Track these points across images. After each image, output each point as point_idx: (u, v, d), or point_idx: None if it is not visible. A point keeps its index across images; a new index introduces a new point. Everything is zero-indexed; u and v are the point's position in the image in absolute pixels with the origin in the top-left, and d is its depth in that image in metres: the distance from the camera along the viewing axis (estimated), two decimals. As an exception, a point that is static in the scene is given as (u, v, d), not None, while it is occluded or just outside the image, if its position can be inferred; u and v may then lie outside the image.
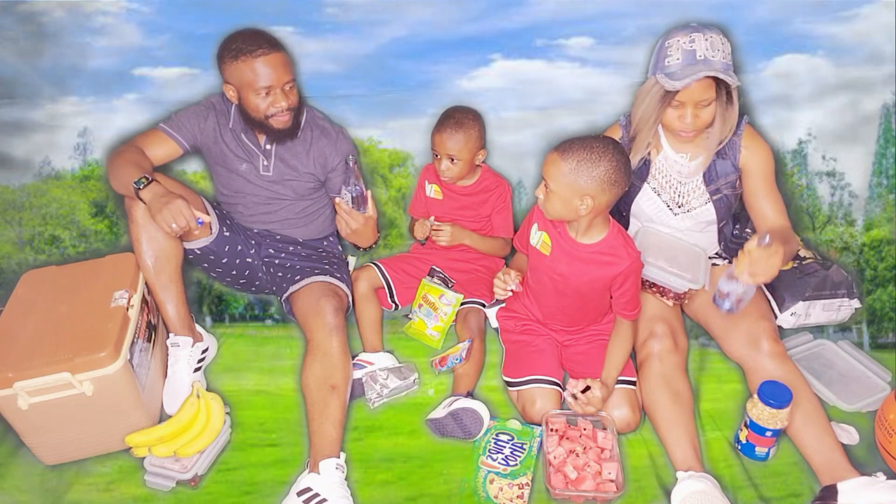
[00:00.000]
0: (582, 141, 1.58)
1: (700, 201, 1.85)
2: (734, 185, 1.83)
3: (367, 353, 1.98)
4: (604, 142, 1.57)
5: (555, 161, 1.58)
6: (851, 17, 1.93)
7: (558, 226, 1.72)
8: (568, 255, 1.71)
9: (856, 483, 1.49)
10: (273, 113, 1.85)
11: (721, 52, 1.65)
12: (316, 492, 1.53)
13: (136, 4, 1.96)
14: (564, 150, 1.57)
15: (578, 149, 1.56)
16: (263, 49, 1.79)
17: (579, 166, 1.55)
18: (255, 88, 1.81)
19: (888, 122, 2.07)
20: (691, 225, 1.89)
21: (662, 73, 1.66)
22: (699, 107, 1.68)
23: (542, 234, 1.75)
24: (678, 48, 1.65)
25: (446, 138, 1.95)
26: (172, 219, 1.70)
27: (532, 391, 1.76)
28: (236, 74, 1.81)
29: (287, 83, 1.84)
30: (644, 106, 1.75)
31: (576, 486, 1.58)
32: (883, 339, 2.07)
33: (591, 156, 1.55)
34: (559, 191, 1.58)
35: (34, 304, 1.76)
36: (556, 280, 1.76)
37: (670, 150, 1.83)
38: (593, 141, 1.57)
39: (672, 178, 1.85)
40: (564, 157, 1.56)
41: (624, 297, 1.71)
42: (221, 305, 2.25)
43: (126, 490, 1.65)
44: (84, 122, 2.13)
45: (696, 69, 1.62)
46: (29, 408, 1.58)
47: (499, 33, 2.00)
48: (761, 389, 1.61)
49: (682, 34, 1.66)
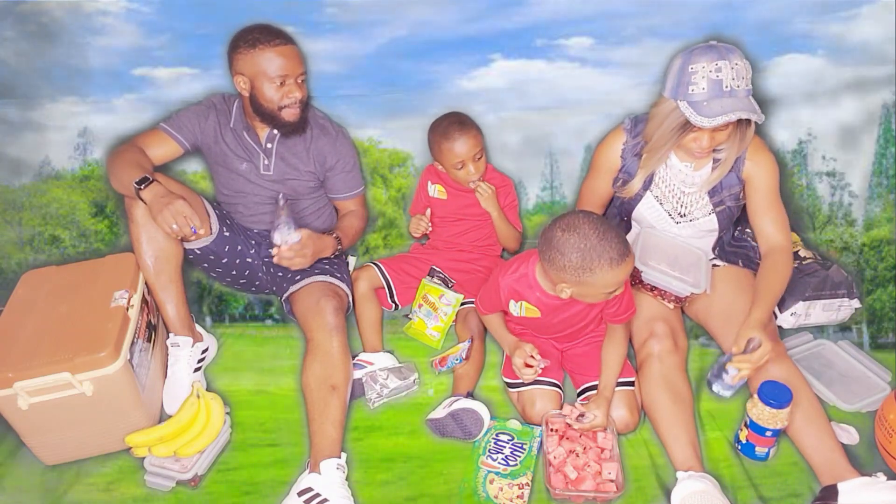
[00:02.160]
0: (544, 234, 1.55)
1: (703, 212, 1.83)
2: (738, 197, 1.81)
3: (367, 353, 1.97)
4: (565, 229, 1.50)
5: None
6: (851, 17, 1.93)
7: (536, 291, 1.68)
8: (560, 308, 1.70)
9: (856, 483, 1.49)
10: (286, 104, 1.86)
11: (745, 79, 1.59)
12: (317, 492, 1.53)
13: (136, 4, 1.96)
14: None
15: (541, 245, 1.55)
16: (281, 39, 1.82)
17: (545, 264, 1.55)
18: (271, 77, 1.82)
19: (888, 122, 2.07)
20: (692, 232, 1.88)
21: (686, 102, 1.60)
22: (717, 131, 1.64)
23: (522, 303, 1.73)
24: (704, 76, 1.57)
25: (465, 140, 1.94)
26: (173, 219, 1.70)
27: (532, 392, 1.76)
28: (251, 63, 1.82)
29: (300, 75, 1.87)
30: (662, 129, 1.69)
31: (576, 486, 1.58)
32: (883, 339, 2.07)
33: (550, 251, 1.52)
34: None
35: (34, 304, 1.76)
36: (557, 326, 1.77)
37: (675, 159, 1.81)
38: (552, 230, 1.52)
39: (675, 187, 1.83)
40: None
41: (616, 304, 1.69)
42: (221, 305, 2.25)
43: (126, 490, 1.65)
44: (84, 122, 2.13)
45: (722, 105, 1.56)
46: (29, 408, 1.58)
47: (499, 33, 2.00)
48: (761, 389, 1.61)
49: (706, 60, 1.58)
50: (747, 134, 1.70)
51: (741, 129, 1.68)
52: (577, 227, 1.49)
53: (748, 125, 1.68)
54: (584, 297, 1.59)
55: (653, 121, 1.72)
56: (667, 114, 1.66)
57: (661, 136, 1.70)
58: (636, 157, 1.82)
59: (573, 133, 2.15)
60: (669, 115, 1.65)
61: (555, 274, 1.55)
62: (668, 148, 1.72)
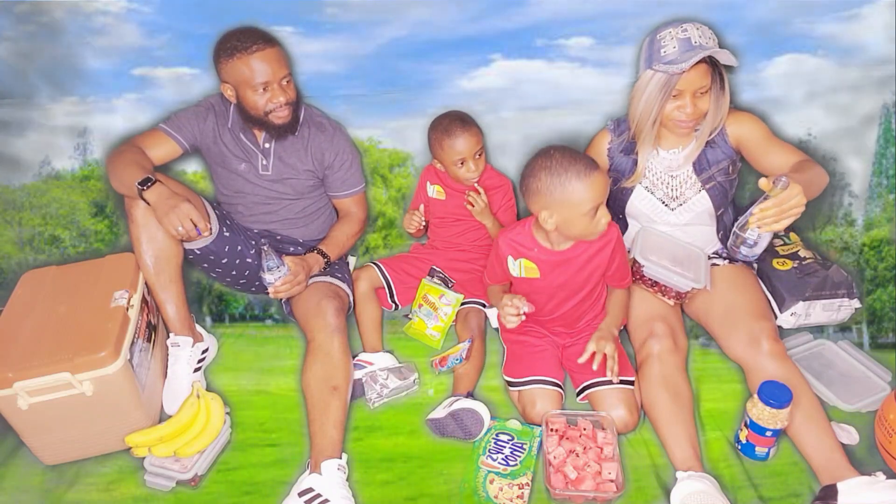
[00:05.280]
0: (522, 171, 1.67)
1: (693, 190, 1.86)
2: (727, 171, 1.84)
3: (367, 353, 1.98)
4: (534, 156, 1.64)
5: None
6: (851, 17, 1.93)
7: (534, 246, 1.73)
8: (559, 266, 1.72)
9: (856, 483, 1.49)
10: (272, 109, 1.85)
11: (712, 39, 1.68)
12: (318, 492, 1.53)
13: (136, 4, 1.96)
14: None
15: (520, 181, 1.67)
16: (258, 45, 1.79)
17: (526, 197, 1.65)
18: (253, 85, 1.81)
19: (888, 122, 2.07)
20: (690, 218, 1.89)
21: (661, 63, 1.68)
22: (697, 95, 1.71)
23: (521, 261, 1.75)
24: (672, 38, 1.68)
25: (467, 137, 1.94)
26: (179, 222, 1.70)
27: (533, 392, 1.76)
28: (233, 73, 1.81)
29: (284, 78, 1.84)
30: (644, 101, 1.75)
31: (576, 486, 1.58)
32: (883, 339, 2.07)
33: (525, 179, 1.64)
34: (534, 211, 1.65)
35: (34, 304, 1.76)
36: (556, 293, 1.77)
37: (660, 148, 1.86)
38: (526, 164, 1.65)
39: (663, 174, 1.87)
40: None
41: (616, 268, 1.76)
42: (221, 305, 2.25)
43: (126, 490, 1.65)
44: (84, 122, 2.13)
45: (695, 52, 1.64)
46: (29, 408, 1.58)
47: (499, 33, 2.00)
48: (761, 389, 1.61)
49: (672, 27, 1.70)
50: (723, 101, 1.75)
51: (718, 96, 1.73)
52: (545, 151, 1.62)
53: (723, 91, 1.73)
54: (568, 225, 1.62)
55: (634, 99, 1.78)
56: (646, 84, 1.73)
57: (646, 107, 1.75)
58: (623, 154, 1.88)
59: (573, 133, 2.15)
60: (649, 84, 1.72)
61: (534, 202, 1.62)
62: (656, 117, 1.76)
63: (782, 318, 1.93)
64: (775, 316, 1.91)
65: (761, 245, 1.61)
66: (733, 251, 1.66)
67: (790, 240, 2.08)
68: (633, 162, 1.87)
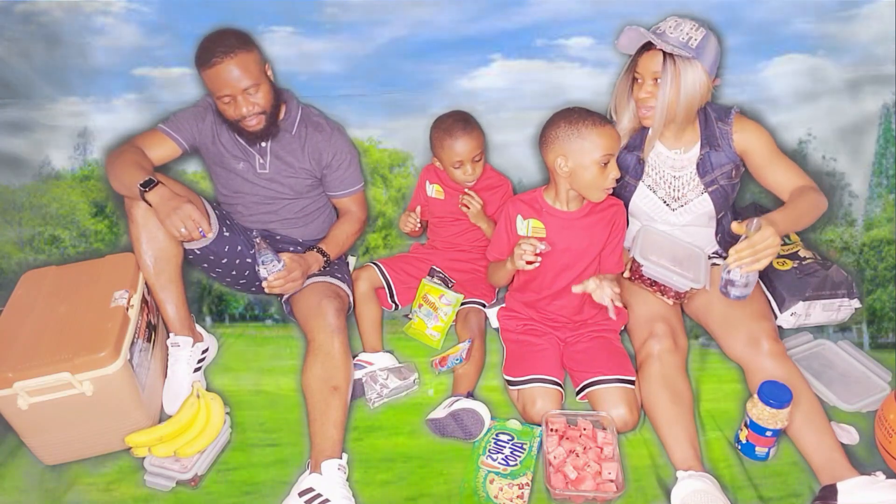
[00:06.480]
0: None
1: (695, 192, 1.86)
2: (730, 175, 1.84)
3: (367, 353, 1.98)
4: (554, 113, 1.76)
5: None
6: (851, 17, 1.93)
7: (543, 206, 1.81)
8: (566, 229, 1.79)
9: (856, 483, 1.49)
10: (241, 117, 1.84)
11: (685, 33, 1.68)
12: (318, 492, 1.53)
13: (136, 4, 1.96)
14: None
15: (539, 139, 1.78)
16: (216, 58, 1.76)
17: (544, 150, 1.76)
18: (219, 97, 1.82)
19: (888, 122, 2.07)
20: (691, 219, 1.89)
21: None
22: (655, 81, 1.73)
23: (530, 220, 1.81)
24: (649, 28, 1.73)
25: (467, 141, 1.95)
26: (182, 224, 1.70)
27: (533, 390, 1.76)
28: (205, 83, 1.83)
29: (251, 87, 1.81)
30: (616, 87, 1.86)
31: (576, 486, 1.58)
32: (883, 339, 2.07)
33: (544, 133, 1.75)
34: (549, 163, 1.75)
35: (34, 304, 1.76)
36: (560, 259, 1.79)
37: (663, 147, 1.87)
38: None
39: (666, 173, 1.88)
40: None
41: (612, 248, 1.85)
42: (221, 305, 2.25)
43: (126, 490, 1.65)
44: (84, 122, 2.13)
45: (641, 37, 1.71)
46: (29, 408, 1.58)
47: (499, 33, 2.00)
48: (761, 389, 1.61)
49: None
50: (672, 92, 1.70)
51: (670, 78, 1.70)
52: (564, 109, 1.75)
53: (676, 76, 1.69)
54: (580, 172, 1.70)
55: (613, 92, 1.88)
56: (620, 74, 1.84)
57: (618, 90, 1.85)
58: (626, 151, 1.89)
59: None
60: (621, 72, 1.84)
61: (550, 150, 1.73)
62: (627, 98, 1.83)
63: (782, 318, 1.93)
64: (775, 316, 1.91)
65: (751, 285, 1.62)
66: (725, 293, 1.66)
67: (790, 240, 2.08)
68: (637, 158, 1.87)
